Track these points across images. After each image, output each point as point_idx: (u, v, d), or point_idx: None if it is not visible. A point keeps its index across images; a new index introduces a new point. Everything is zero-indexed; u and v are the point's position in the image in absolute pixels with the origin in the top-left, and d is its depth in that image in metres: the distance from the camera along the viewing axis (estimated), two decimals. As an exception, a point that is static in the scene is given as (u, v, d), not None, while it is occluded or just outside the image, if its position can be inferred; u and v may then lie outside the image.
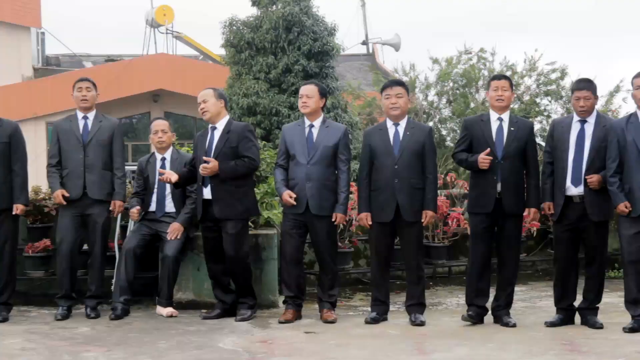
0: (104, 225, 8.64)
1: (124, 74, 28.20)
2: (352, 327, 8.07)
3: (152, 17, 32.07)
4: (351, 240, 9.86)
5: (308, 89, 8.42)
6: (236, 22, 18.49)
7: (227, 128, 8.39)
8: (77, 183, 8.56)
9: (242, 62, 18.27)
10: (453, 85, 18.77)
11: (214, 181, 8.25)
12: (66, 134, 8.71)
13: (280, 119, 17.44)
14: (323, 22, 18.26)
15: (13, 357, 6.87)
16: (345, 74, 27.59)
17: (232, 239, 8.28)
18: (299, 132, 8.37)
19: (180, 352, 7.02)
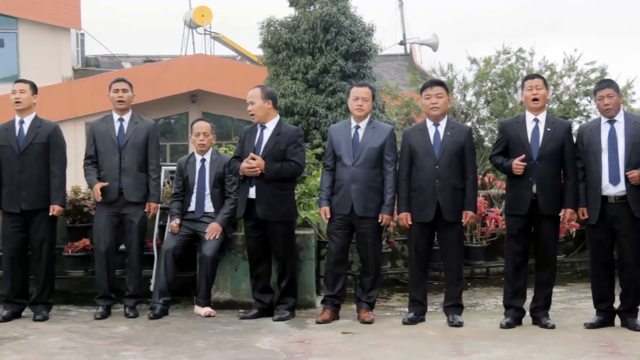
0: (140, 225, 8.68)
1: (162, 74, 28.35)
2: (389, 327, 8.05)
3: (191, 17, 32.20)
4: (389, 241, 9.84)
5: (365, 91, 8.41)
6: (274, 22, 18.55)
7: (278, 130, 8.42)
8: (113, 185, 8.61)
9: (279, 63, 18.32)
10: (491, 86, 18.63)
11: (258, 181, 8.27)
12: (102, 136, 8.75)
13: (317, 119, 17.48)
14: (361, 23, 18.26)
15: (53, 356, 6.93)
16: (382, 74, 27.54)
17: (278, 241, 8.34)
18: (345, 133, 8.36)
19: (218, 352, 7.04)
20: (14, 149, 8.45)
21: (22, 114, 8.55)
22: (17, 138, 8.49)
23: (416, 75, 21.64)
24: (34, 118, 8.60)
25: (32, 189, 8.44)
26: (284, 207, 8.36)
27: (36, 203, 8.47)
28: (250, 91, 8.57)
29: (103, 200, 8.61)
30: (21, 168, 8.44)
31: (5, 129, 8.56)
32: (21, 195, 8.41)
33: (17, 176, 8.43)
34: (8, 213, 8.47)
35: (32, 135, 8.50)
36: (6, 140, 8.49)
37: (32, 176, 8.46)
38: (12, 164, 8.44)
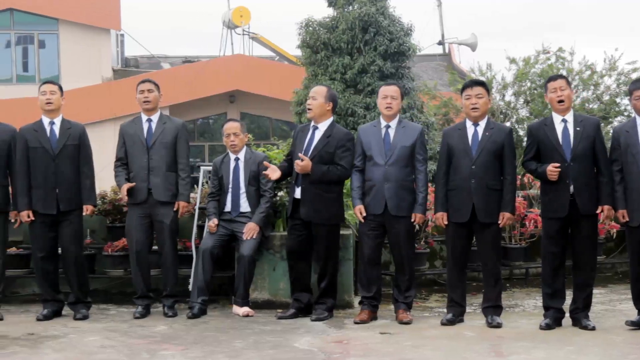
0: (171, 225, 8.71)
1: (201, 75, 28.47)
2: (427, 328, 8.03)
3: (229, 18, 32.31)
4: (427, 241, 9.81)
5: (393, 90, 8.40)
6: (312, 22, 18.54)
7: (329, 132, 8.43)
8: (142, 185, 8.65)
9: (318, 63, 18.31)
10: (530, 85, 18.53)
11: (304, 182, 8.29)
12: (131, 137, 8.80)
13: (356, 119, 17.43)
14: (399, 22, 18.21)
15: (93, 354, 6.98)
16: (421, 74, 27.46)
17: (320, 242, 8.37)
18: (376, 133, 8.35)
19: (256, 352, 7.05)
20: (48, 151, 8.50)
21: (51, 115, 8.61)
22: (50, 139, 8.54)
23: (455, 75, 21.57)
24: (62, 120, 8.66)
25: (68, 189, 8.51)
26: (328, 210, 8.37)
27: (72, 203, 8.53)
28: (316, 87, 8.67)
29: (132, 201, 8.66)
30: (56, 169, 8.50)
31: (34, 130, 8.59)
32: (58, 196, 8.47)
33: (53, 177, 8.49)
34: (39, 214, 8.51)
35: (65, 137, 8.56)
36: (38, 141, 8.53)
37: (67, 177, 8.52)
38: (46, 166, 8.49)
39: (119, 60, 33.24)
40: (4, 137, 8.61)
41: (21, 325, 8.18)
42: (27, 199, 8.48)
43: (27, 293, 10.09)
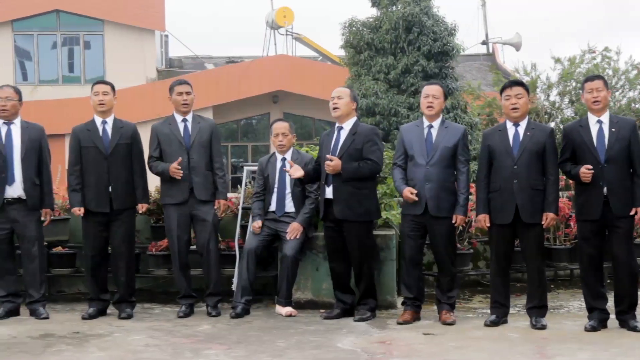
0: (213, 223, 8.74)
1: (244, 75, 28.57)
2: (471, 329, 7.99)
3: (273, 18, 32.42)
4: (470, 242, 9.77)
5: (435, 89, 8.36)
6: (356, 23, 18.57)
7: (354, 130, 8.42)
8: (183, 186, 8.68)
9: (361, 63, 18.33)
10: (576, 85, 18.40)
11: (336, 181, 8.29)
12: (167, 137, 8.81)
13: (399, 119, 17.43)
14: (443, 22, 18.19)
15: (137, 353, 7.02)
16: (464, 74, 27.37)
17: (355, 241, 8.33)
18: (418, 133, 8.33)
19: (299, 352, 7.06)
20: (101, 150, 8.58)
21: (104, 115, 8.68)
22: (103, 139, 8.62)
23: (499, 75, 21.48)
24: (115, 119, 8.73)
25: (121, 188, 8.57)
26: (363, 207, 8.35)
27: (125, 202, 8.60)
28: (339, 88, 8.65)
29: (172, 200, 8.69)
30: (109, 168, 8.57)
31: (87, 129, 8.67)
32: (111, 195, 8.54)
33: (106, 176, 8.56)
34: (93, 213, 8.60)
35: (117, 136, 8.62)
36: (91, 141, 8.61)
37: (120, 176, 8.58)
38: (99, 165, 8.56)
39: (163, 61, 33.46)
40: (34, 137, 8.70)
41: (67, 324, 8.26)
42: (79, 197, 8.58)
43: (72, 292, 10.19)
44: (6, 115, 8.63)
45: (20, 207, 8.57)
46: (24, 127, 8.71)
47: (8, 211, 8.56)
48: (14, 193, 8.55)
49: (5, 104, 8.63)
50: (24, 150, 8.59)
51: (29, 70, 30.83)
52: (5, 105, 8.62)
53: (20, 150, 8.59)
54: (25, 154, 8.59)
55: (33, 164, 8.63)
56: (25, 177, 8.57)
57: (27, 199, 8.57)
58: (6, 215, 8.56)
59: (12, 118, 8.67)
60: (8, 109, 8.63)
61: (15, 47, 30.46)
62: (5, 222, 8.58)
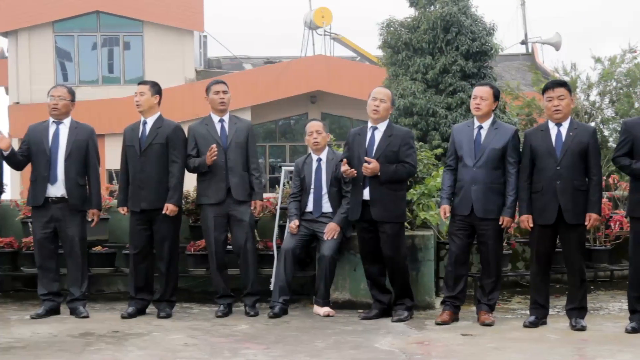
0: (250, 223, 8.76)
1: (282, 75, 28.62)
2: (510, 330, 7.95)
3: (311, 19, 32.45)
4: (509, 243, 9.71)
5: (483, 90, 8.32)
6: (394, 23, 18.53)
7: (390, 131, 8.41)
8: (220, 186, 8.70)
9: (399, 63, 18.29)
10: (616, 85, 18.27)
11: (372, 183, 8.27)
12: (204, 138, 8.82)
13: (436, 119, 17.37)
14: (482, 22, 18.10)
15: (176, 352, 7.05)
16: (503, 74, 27.24)
17: (390, 241, 8.31)
18: (468, 133, 8.29)
19: (336, 352, 7.06)
20: (136, 149, 8.65)
21: (144, 115, 8.74)
22: (140, 138, 8.68)
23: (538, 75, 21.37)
24: (157, 118, 8.76)
25: (152, 188, 8.61)
26: (398, 208, 8.35)
27: (155, 202, 8.63)
28: (381, 89, 8.59)
29: (209, 201, 8.72)
30: (142, 168, 8.62)
31: (132, 129, 8.77)
32: (142, 194, 8.59)
33: (139, 176, 8.62)
34: (133, 211, 8.67)
35: (153, 136, 8.67)
36: (131, 140, 8.70)
37: (151, 176, 8.62)
38: (135, 164, 8.65)
39: (201, 61, 33.60)
40: (81, 137, 8.76)
41: (106, 323, 8.31)
42: (123, 196, 8.70)
43: (112, 291, 10.26)
44: (57, 114, 8.71)
45: (63, 206, 8.64)
46: (73, 127, 8.78)
47: (51, 210, 8.63)
48: (57, 192, 8.62)
49: (57, 102, 8.71)
50: (69, 150, 8.65)
51: (69, 70, 31.08)
52: (57, 103, 8.71)
53: (65, 150, 8.67)
54: (70, 154, 8.65)
55: (78, 164, 8.69)
56: (68, 177, 8.64)
57: (70, 199, 8.63)
58: (50, 214, 8.63)
59: (62, 118, 8.75)
60: (59, 108, 8.71)
61: (56, 48, 30.74)
62: (49, 221, 8.65)
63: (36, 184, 8.65)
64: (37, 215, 8.71)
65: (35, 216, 8.73)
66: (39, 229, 8.68)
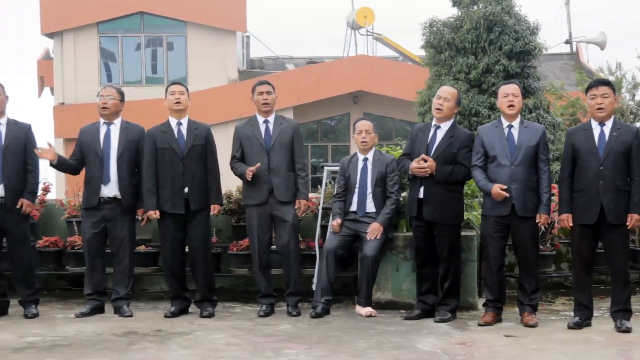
0: (294, 223, 8.75)
1: (325, 75, 28.63)
2: (553, 331, 7.89)
3: (353, 19, 32.43)
4: (553, 243, 9.64)
5: (514, 88, 8.26)
6: (436, 22, 18.49)
7: (452, 132, 8.38)
8: (263, 187, 8.71)
9: (441, 63, 18.24)
10: (663, 85, 18.07)
11: (427, 182, 8.26)
12: (248, 139, 8.84)
13: (479, 119, 17.31)
14: (525, 21, 18.00)
15: (218, 352, 7.08)
16: (547, 73, 27.05)
17: (444, 242, 8.31)
18: (498, 133, 8.24)
19: (379, 352, 7.05)
20: (176, 152, 8.65)
21: (179, 115, 8.76)
22: (178, 140, 8.69)
23: (582, 74, 21.17)
24: (189, 120, 8.80)
25: (197, 189, 8.64)
26: (452, 210, 8.32)
27: (200, 203, 8.67)
28: (447, 88, 8.62)
29: (253, 201, 8.74)
30: (184, 169, 8.64)
31: (162, 131, 8.74)
32: (188, 196, 8.62)
33: (182, 178, 8.63)
34: (168, 214, 8.67)
35: (192, 137, 8.69)
36: (167, 142, 8.67)
37: (195, 177, 8.65)
38: (175, 166, 8.63)
39: (244, 61, 33.69)
40: (132, 137, 8.82)
41: (150, 322, 8.37)
42: (154, 200, 8.64)
43: (155, 290, 10.33)
44: (107, 113, 8.79)
45: (115, 206, 8.71)
46: (124, 128, 8.85)
47: (103, 210, 8.70)
48: (109, 193, 8.69)
49: (107, 102, 8.79)
50: (121, 150, 8.72)
51: (113, 71, 31.32)
52: (106, 103, 8.79)
53: (117, 150, 8.73)
54: (122, 154, 8.72)
55: (129, 164, 8.76)
56: (121, 177, 8.70)
57: (122, 199, 8.70)
58: (101, 215, 8.70)
59: (113, 118, 8.82)
60: (109, 107, 8.79)
61: (100, 49, 30.98)
62: (100, 221, 8.72)
63: (90, 185, 8.74)
64: (88, 215, 8.78)
65: (86, 216, 8.80)
66: (89, 228, 8.76)
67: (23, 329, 8.05)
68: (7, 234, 8.67)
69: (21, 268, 8.73)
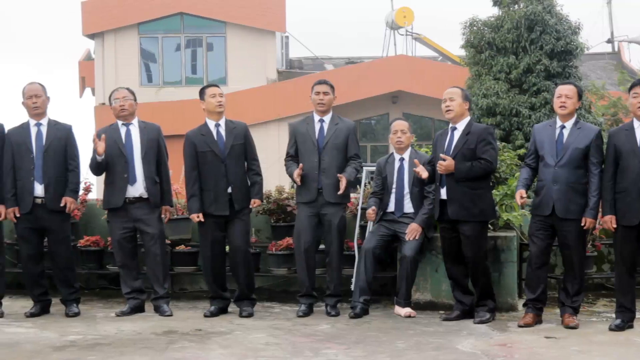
0: (339, 226, 8.75)
1: (363, 75, 28.59)
2: (594, 333, 7.82)
3: (392, 19, 32.36)
4: (594, 245, 9.56)
5: (568, 89, 8.20)
6: (477, 22, 18.42)
7: (467, 129, 8.35)
8: (312, 186, 8.72)
9: (482, 63, 18.17)
10: None
11: (449, 181, 8.23)
12: (302, 136, 8.88)
13: (520, 119, 17.21)
14: (567, 21, 17.89)
15: (258, 351, 7.09)
16: (588, 73, 26.84)
17: (469, 242, 8.24)
18: (550, 133, 8.18)
19: (418, 353, 7.03)
20: (217, 154, 8.67)
21: (218, 117, 8.77)
22: (218, 142, 8.71)
23: (624, 74, 21.00)
24: (226, 120, 8.82)
25: (239, 189, 8.67)
26: (477, 207, 8.26)
27: (243, 202, 8.70)
28: (449, 89, 8.56)
29: (302, 199, 8.75)
30: (227, 171, 8.67)
31: (201, 134, 8.75)
32: (232, 196, 8.64)
33: (224, 179, 8.65)
34: (211, 215, 8.70)
35: (231, 138, 8.72)
36: (207, 145, 8.69)
37: (237, 177, 8.68)
38: (217, 169, 8.65)
39: (283, 61, 33.73)
40: (152, 136, 8.88)
41: (189, 321, 8.41)
42: (198, 203, 8.66)
43: (194, 290, 10.37)
44: (125, 114, 8.84)
45: (142, 205, 8.76)
46: (142, 127, 8.90)
47: (131, 210, 8.76)
48: (136, 192, 8.75)
49: (124, 103, 8.84)
50: (144, 149, 8.78)
51: (153, 72, 31.49)
52: (124, 104, 8.83)
53: (140, 150, 8.78)
54: (145, 154, 8.77)
55: (153, 163, 8.81)
56: (146, 176, 8.76)
57: (149, 197, 8.76)
58: (129, 215, 8.75)
59: (130, 119, 8.87)
60: (127, 108, 8.84)
61: (140, 50, 31.16)
62: (129, 221, 8.78)
63: (114, 186, 8.78)
64: (115, 216, 8.85)
65: (113, 217, 8.87)
66: (118, 229, 8.82)
67: (65, 327, 8.12)
68: (48, 234, 8.76)
69: (62, 267, 8.82)
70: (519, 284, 9.09)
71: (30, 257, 8.79)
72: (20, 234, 8.81)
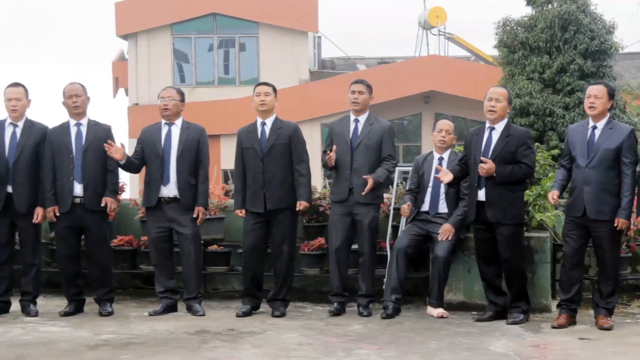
0: (370, 226, 8.74)
1: (396, 75, 28.56)
2: (629, 335, 7.76)
3: (425, 19, 32.30)
4: (629, 245, 9.48)
5: (597, 89, 8.14)
6: (510, 22, 18.36)
7: (507, 131, 8.30)
8: (343, 185, 8.73)
9: (515, 62, 18.11)
10: None
11: (488, 184, 8.18)
12: (338, 136, 8.89)
13: (554, 119, 17.13)
14: (601, 20, 17.79)
15: (290, 351, 7.10)
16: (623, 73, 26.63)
17: (507, 243, 8.20)
18: (582, 134, 8.12)
19: (450, 354, 7.01)
20: (257, 151, 8.71)
21: (264, 115, 8.80)
22: (260, 140, 8.74)
23: (659, 73, 20.78)
24: (274, 119, 8.83)
25: (275, 188, 8.67)
26: (515, 209, 8.23)
27: (280, 202, 8.69)
28: (497, 89, 8.54)
29: (334, 198, 8.76)
30: (264, 169, 8.68)
31: (248, 131, 8.83)
32: (266, 195, 8.66)
33: (261, 177, 8.68)
34: (251, 212, 8.73)
35: (274, 137, 8.73)
36: (250, 142, 8.75)
37: (275, 176, 8.68)
38: (256, 165, 8.69)
39: (315, 62, 33.75)
40: (193, 137, 8.89)
41: (222, 321, 8.43)
42: (240, 198, 8.76)
43: (227, 289, 10.39)
44: (168, 114, 8.86)
45: (176, 206, 8.79)
46: (184, 128, 8.92)
47: (165, 210, 8.79)
48: (169, 193, 8.78)
49: (167, 103, 8.86)
50: (181, 150, 8.79)
51: (186, 72, 31.62)
52: (167, 104, 8.86)
53: (177, 150, 8.81)
54: (182, 154, 8.79)
55: (189, 164, 8.81)
56: (180, 177, 8.77)
57: (182, 199, 8.78)
58: (164, 215, 8.79)
59: (174, 119, 8.90)
60: (170, 108, 8.86)
61: (173, 50, 31.30)
62: (164, 221, 8.81)
63: (150, 185, 8.84)
64: (151, 215, 8.90)
65: (150, 216, 8.93)
66: (154, 228, 8.86)
67: (98, 326, 8.17)
68: (86, 234, 8.82)
69: (99, 267, 8.87)
70: (553, 284, 9.04)
71: (68, 256, 8.84)
72: (59, 233, 8.88)
